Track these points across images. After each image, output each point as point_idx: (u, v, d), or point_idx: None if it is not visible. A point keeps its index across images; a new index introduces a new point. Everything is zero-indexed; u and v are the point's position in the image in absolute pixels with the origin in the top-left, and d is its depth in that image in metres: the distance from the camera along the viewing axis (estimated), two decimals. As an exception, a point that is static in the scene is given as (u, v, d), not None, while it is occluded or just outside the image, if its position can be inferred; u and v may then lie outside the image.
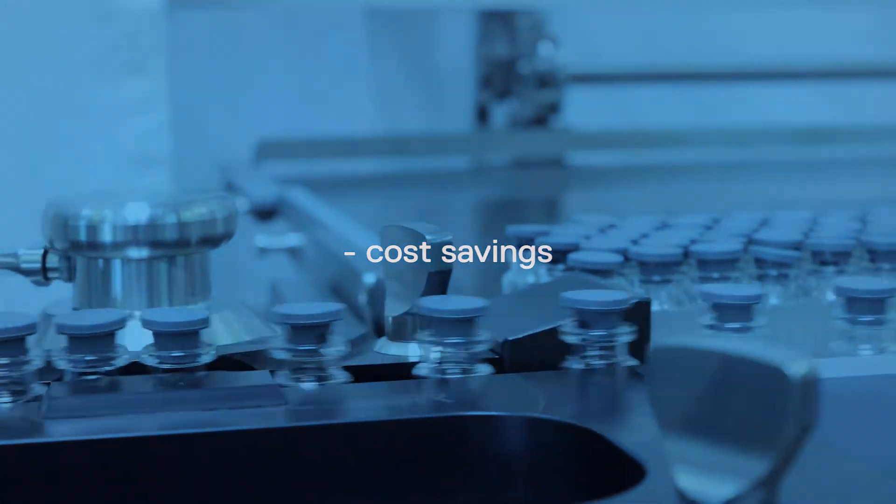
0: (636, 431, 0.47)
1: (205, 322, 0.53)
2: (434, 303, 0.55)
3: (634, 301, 0.57)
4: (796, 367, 0.34)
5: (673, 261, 0.67)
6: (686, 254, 0.68)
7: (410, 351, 0.58)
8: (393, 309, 0.59)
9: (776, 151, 1.77)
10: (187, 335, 0.53)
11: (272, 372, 0.54)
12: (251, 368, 0.56)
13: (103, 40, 1.28)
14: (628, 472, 0.43)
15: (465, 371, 0.54)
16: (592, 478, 0.46)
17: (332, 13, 1.73)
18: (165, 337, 0.53)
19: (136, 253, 0.61)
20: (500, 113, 1.71)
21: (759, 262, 0.68)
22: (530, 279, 0.73)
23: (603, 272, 0.66)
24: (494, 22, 1.70)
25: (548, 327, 0.57)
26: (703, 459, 0.36)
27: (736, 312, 0.58)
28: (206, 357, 0.53)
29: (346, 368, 0.55)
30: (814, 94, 1.86)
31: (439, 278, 0.58)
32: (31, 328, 0.53)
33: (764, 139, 1.77)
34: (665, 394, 0.37)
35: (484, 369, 0.55)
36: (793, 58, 1.82)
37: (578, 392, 0.53)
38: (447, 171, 1.69)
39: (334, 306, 0.54)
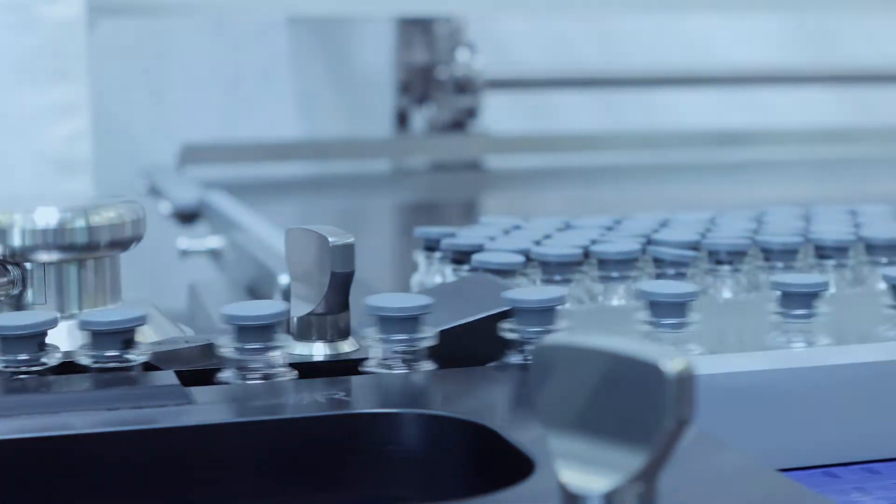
0: (530, 428, 0.46)
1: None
2: (378, 301, 0.55)
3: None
4: (672, 365, 0.34)
5: (573, 261, 0.67)
6: (586, 254, 0.68)
7: (315, 350, 0.58)
8: (298, 310, 0.59)
9: (687, 154, 1.78)
10: (118, 334, 0.53)
11: (177, 372, 0.54)
12: (157, 369, 0.56)
13: (25, 48, 1.27)
14: (520, 467, 0.43)
15: (409, 367, 0.54)
16: (486, 473, 0.46)
17: (256, 21, 1.72)
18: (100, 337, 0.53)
19: (45, 256, 0.61)
20: (419, 118, 1.71)
21: (658, 261, 0.69)
22: (437, 279, 0.73)
23: (505, 272, 0.66)
24: (413, 29, 1.70)
25: (452, 325, 0.57)
26: (584, 454, 0.36)
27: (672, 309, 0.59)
28: (142, 357, 0.53)
29: (252, 368, 0.54)
30: (722, 99, 1.88)
31: (342, 279, 0.58)
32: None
33: (675, 143, 1.79)
34: (547, 391, 0.36)
35: (427, 366, 0.55)
36: (702, 64, 1.83)
37: (478, 389, 0.53)
38: (368, 175, 1.69)
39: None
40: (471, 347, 0.56)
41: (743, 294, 0.68)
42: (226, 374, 0.54)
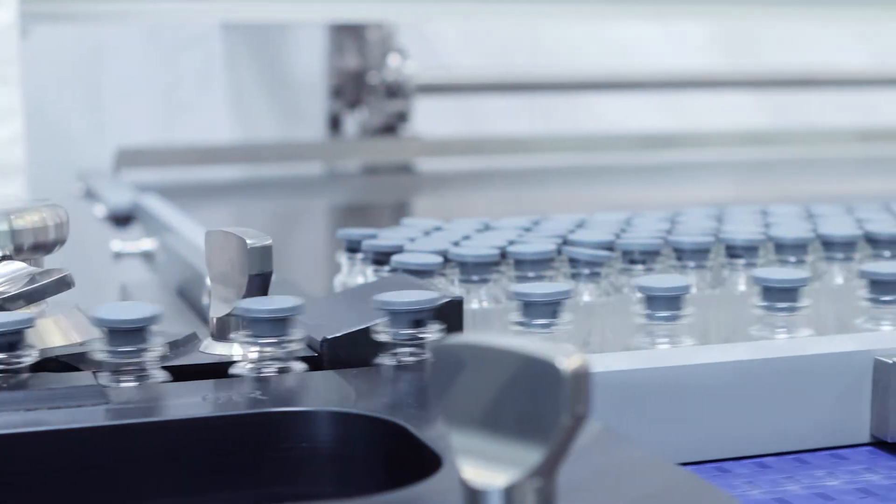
0: (439, 425, 0.47)
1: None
2: (250, 303, 0.55)
3: (446, 300, 0.57)
4: (567, 362, 0.34)
5: (490, 261, 0.67)
6: (503, 255, 0.68)
7: (234, 350, 0.58)
8: (217, 310, 0.58)
9: (613, 157, 1.79)
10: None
11: (95, 373, 0.53)
12: (77, 370, 0.55)
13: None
14: (428, 463, 0.43)
15: (281, 369, 0.54)
16: (397, 469, 0.46)
17: (190, 27, 1.71)
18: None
19: (-32, 259, 0.60)
20: (351, 121, 1.71)
21: (573, 261, 0.69)
22: (359, 280, 0.73)
23: (423, 273, 0.66)
24: (345, 35, 1.70)
25: (364, 326, 0.57)
26: (485, 451, 0.36)
27: (543, 309, 0.59)
28: (29, 359, 0.52)
29: (170, 368, 0.54)
30: (647, 102, 1.89)
31: (260, 280, 0.57)
32: None
33: (602, 145, 1.79)
34: (448, 389, 0.36)
35: (299, 367, 0.55)
36: (628, 68, 1.84)
37: (388, 387, 0.53)
38: (301, 178, 1.69)
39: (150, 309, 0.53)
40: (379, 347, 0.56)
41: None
42: (141, 375, 0.53)
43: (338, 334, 0.57)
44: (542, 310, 0.59)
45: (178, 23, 1.70)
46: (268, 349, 0.54)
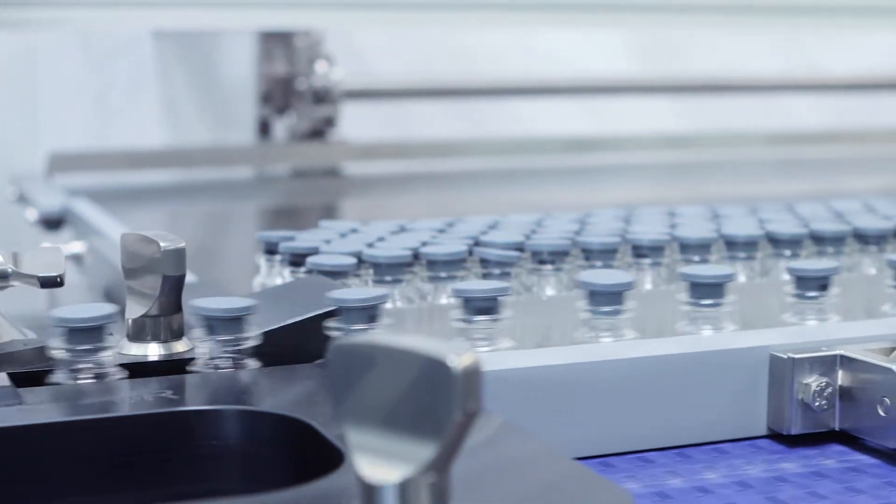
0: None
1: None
2: (203, 302, 0.55)
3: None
4: (459, 361, 0.34)
5: (402, 262, 0.67)
6: (416, 256, 0.68)
7: (149, 351, 0.57)
8: (132, 311, 0.58)
9: (538, 160, 1.80)
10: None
11: (10, 374, 0.53)
12: (-7, 371, 0.55)
13: None
14: (333, 460, 0.43)
15: (235, 365, 0.54)
16: (302, 466, 0.46)
17: (122, 34, 1.70)
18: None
19: None
20: (280, 126, 1.71)
21: (484, 261, 0.69)
22: (278, 281, 0.73)
23: (337, 274, 0.66)
24: (274, 42, 1.69)
25: (278, 326, 0.57)
26: (380, 447, 0.36)
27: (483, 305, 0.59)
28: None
29: (82, 369, 0.54)
30: (571, 107, 1.89)
31: (174, 282, 0.57)
32: None
33: (526, 149, 1.80)
34: (345, 387, 0.36)
35: (252, 364, 0.54)
36: (552, 74, 1.85)
37: (301, 386, 0.53)
38: (231, 182, 1.68)
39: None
40: (299, 345, 0.56)
41: (564, 292, 0.69)
42: (57, 376, 0.53)
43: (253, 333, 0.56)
44: (480, 307, 0.59)
45: (110, 30, 1.69)
46: (221, 347, 0.54)
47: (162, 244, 0.57)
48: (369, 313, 0.56)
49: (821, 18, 1.79)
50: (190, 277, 0.84)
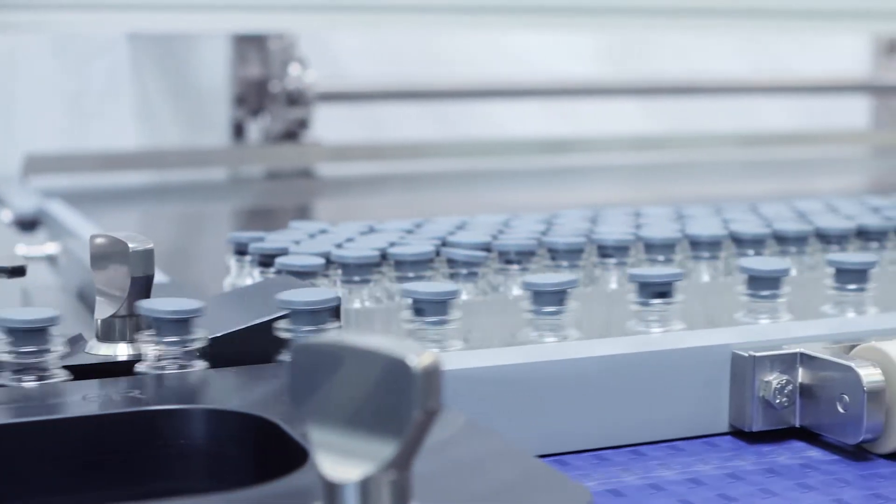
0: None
1: None
2: (152, 304, 0.55)
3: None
4: (418, 360, 0.34)
5: (370, 262, 0.67)
6: (384, 256, 0.68)
7: (119, 351, 0.57)
8: (101, 312, 0.58)
9: (509, 161, 1.80)
10: None
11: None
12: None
13: None
14: (297, 458, 0.43)
15: (182, 367, 0.54)
16: (268, 464, 0.46)
17: (98, 37, 1.70)
18: None
19: None
20: (254, 128, 1.71)
21: (451, 262, 0.69)
22: (248, 281, 0.73)
23: (306, 274, 0.66)
24: (248, 45, 1.69)
25: (246, 325, 0.56)
26: (341, 446, 0.36)
27: (435, 307, 0.59)
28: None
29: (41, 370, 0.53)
30: (542, 109, 1.90)
31: (142, 283, 0.57)
32: None
33: (498, 150, 1.80)
34: (307, 387, 0.36)
35: (200, 364, 0.54)
36: (523, 77, 1.85)
37: (265, 385, 0.52)
38: (206, 183, 1.68)
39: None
40: (265, 345, 0.56)
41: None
42: (9, 376, 0.53)
43: (219, 334, 0.56)
44: (433, 308, 0.59)
45: (86, 33, 1.68)
46: (168, 348, 0.54)
47: (130, 245, 0.57)
48: (321, 315, 0.56)
49: (787, 21, 1.80)
50: (162, 278, 0.84)
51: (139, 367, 0.54)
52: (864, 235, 0.78)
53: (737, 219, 0.80)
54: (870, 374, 0.55)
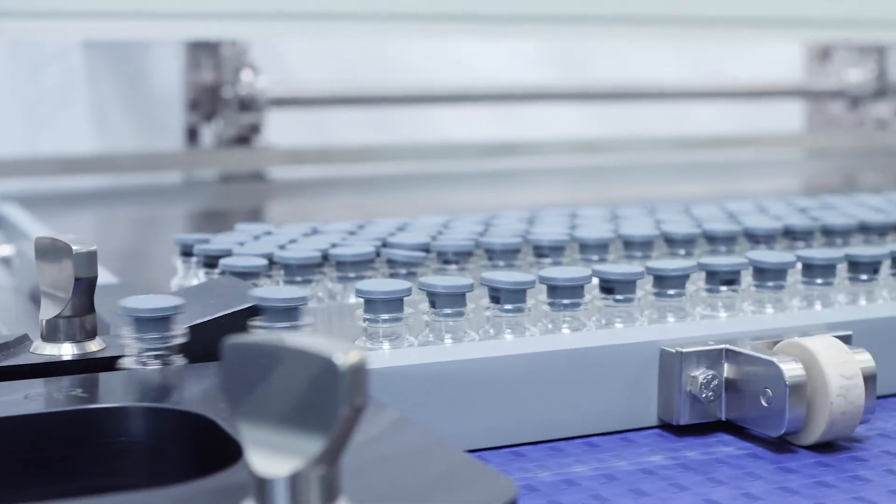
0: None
1: None
2: (129, 302, 0.54)
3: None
4: (345, 358, 0.34)
5: (312, 263, 0.67)
6: (325, 257, 0.68)
7: (63, 350, 0.57)
8: (46, 313, 0.57)
9: (454, 165, 1.80)
10: None
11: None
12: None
13: None
14: (235, 454, 0.43)
15: (164, 363, 0.54)
16: (206, 460, 0.46)
17: (53, 44, 1.68)
18: None
19: None
20: (208, 133, 1.70)
21: (391, 262, 0.69)
22: (194, 282, 0.73)
23: (249, 274, 0.66)
24: (201, 52, 1.68)
25: (188, 325, 0.56)
26: (271, 442, 0.36)
27: (386, 306, 0.59)
28: None
29: (-1, 368, 0.53)
30: (485, 114, 1.90)
31: (86, 284, 0.57)
32: None
33: (443, 154, 1.80)
34: (238, 384, 0.36)
35: (179, 361, 0.54)
36: (467, 83, 1.85)
37: (203, 382, 0.52)
38: (161, 187, 1.67)
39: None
40: (213, 343, 0.56)
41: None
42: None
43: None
44: (384, 306, 0.58)
45: (41, 39, 1.67)
46: (143, 345, 0.53)
47: (74, 247, 0.56)
48: (290, 313, 0.55)
49: (723, 29, 1.81)
50: (111, 279, 0.83)
51: (124, 363, 0.54)
52: (790, 235, 0.78)
53: (669, 219, 0.81)
54: (791, 369, 0.55)
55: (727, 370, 0.58)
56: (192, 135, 1.70)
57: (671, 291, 0.63)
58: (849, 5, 1.87)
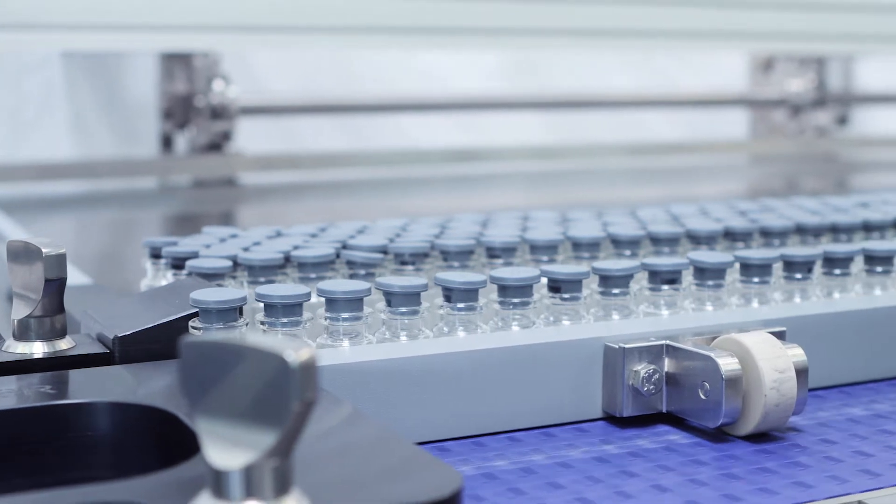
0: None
1: None
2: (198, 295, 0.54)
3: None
4: (296, 355, 0.34)
5: (275, 264, 0.67)
6: (287, 258, 0.68)
7: (34, 349, 0.56)
8: (18, 313, 0.57)
9: (419, 170, 1.80)
10: None
11: None
12: None
13: None
14: (195, 447, 0.42)
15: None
16: (169, 453, 0.45)
17: (34, 54, 1.67)
18: None
19: None
20: (182, 140, 1.69)
21: (350, 263, 0.69)
22: (162, 283, 0.72)
23: (214, 276, 0.65)
24: (175, 63, 1.68)
25: (153, 324, 0.56)
26: (226, 435, 0.35)
27: (347, 305, 0.58)
28: None
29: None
30: (448, 122, 1.90)
31: (55, 285, 0.56)
32: None
33: (408, 160, 1.80)
34: (196, 381, 0.36)
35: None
36: (430, 92, 1.85)
37: (167, 378, 0.52)
38: (137, 192, 1.66)
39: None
40: (169, 342, 0.56)
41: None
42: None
43: (129, 332, 0.56)
44: (344, 306, 0.58)
45: (22, 50, 1.66)
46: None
47: (44, 250, 0.56)
48: (229, 314, 0.55)
49: (672, 41, 1.81)
50: (85, 280, 0.83)
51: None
52: (730, 236, 0.78)
53: (616, 222, 0.81)
54: (728, 364, 0.55)
55: (668, 365, 0.58)
56: (167, 142, 1.69)
57: (615, 290, 0.63)
58: (790, 19, 1.87)
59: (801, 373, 0.56)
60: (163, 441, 0.46)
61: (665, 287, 0.65)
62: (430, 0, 1.63)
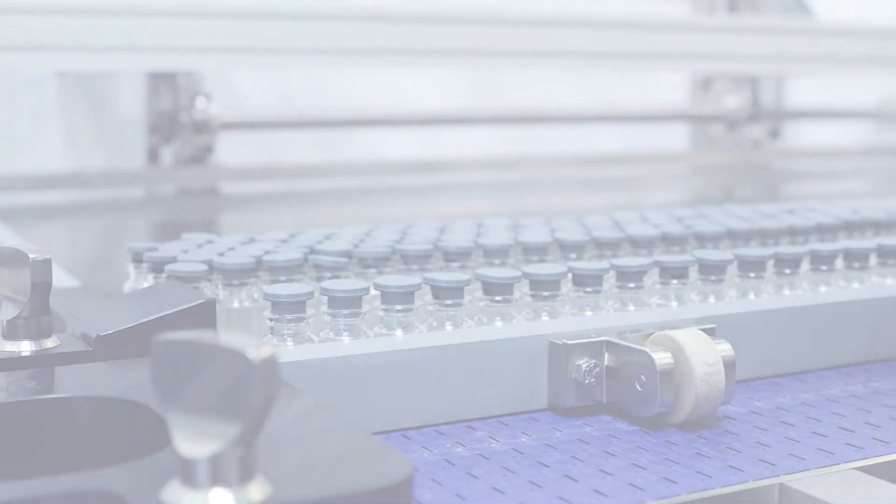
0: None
1: None
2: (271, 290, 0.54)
3: (200, 301, 0.56)
4: (257, 353, 0.34)
5: (247, 268, 0.66)
6: (259, 262, 0.68)
7: (22, 347, 0.56)
8: (6, 314, 0.57)
9: (385, 180, 1.80)
10: None
11: None
12: None
13: None
14: (168, 438, 0.42)
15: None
16: (143, 444, 0.45)
17: (28, 73, 1.66)
18: None
19: None
20: (167, 153, 1.69)
21: (318, 267, 0.68)
22: (144, 285, 0.72)
23: (191, 278, 0.65)
24: (161, 81, 1.67)
25: (131, 325, 0.55)
26: (195, 427, 0.35)
27: (291, 307, 0.58)
28: None
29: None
30: (412, 135, 1.90)
31: (41, 288, 0.56)
32: None
33: (375, 171, 1.80)
34: (166, 376, 0.36)
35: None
36: (396, 107, 1.85)
37: (142, 374, 0.51)
38: (124, 201, 1.65)
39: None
40: (148, 340, 0.55)
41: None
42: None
43: (110, 331, 0.55)
44: (291, 307, 0.58)
45: (18, 70, 1.65)
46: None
47: (31, 256, 0.56)
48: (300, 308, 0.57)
49: (618, 61, 1.82)
50: (73, 282, 0.82)
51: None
52: (667, 241, 0.79)
53: (564, 227, 0.81)
54: (661, 358, 0.55)
55: (607, 359, 0.58)
56: (153, 155, 1.68)
57: (545, 293, 0.63)
58: (727, 42, 1.88)
59: (730, 366, 0.56)
60: (140, 433, 0.46)
61: (589, 289, 0.64)
62: (397, 24, 1.63)
